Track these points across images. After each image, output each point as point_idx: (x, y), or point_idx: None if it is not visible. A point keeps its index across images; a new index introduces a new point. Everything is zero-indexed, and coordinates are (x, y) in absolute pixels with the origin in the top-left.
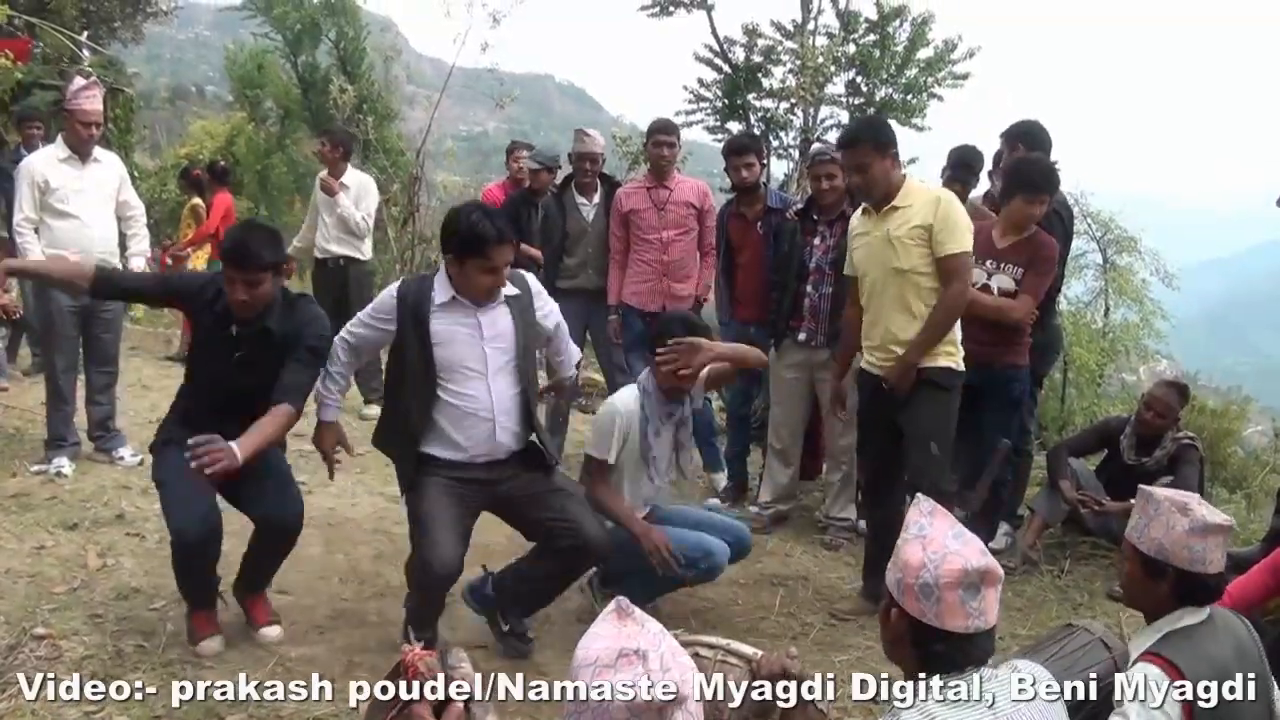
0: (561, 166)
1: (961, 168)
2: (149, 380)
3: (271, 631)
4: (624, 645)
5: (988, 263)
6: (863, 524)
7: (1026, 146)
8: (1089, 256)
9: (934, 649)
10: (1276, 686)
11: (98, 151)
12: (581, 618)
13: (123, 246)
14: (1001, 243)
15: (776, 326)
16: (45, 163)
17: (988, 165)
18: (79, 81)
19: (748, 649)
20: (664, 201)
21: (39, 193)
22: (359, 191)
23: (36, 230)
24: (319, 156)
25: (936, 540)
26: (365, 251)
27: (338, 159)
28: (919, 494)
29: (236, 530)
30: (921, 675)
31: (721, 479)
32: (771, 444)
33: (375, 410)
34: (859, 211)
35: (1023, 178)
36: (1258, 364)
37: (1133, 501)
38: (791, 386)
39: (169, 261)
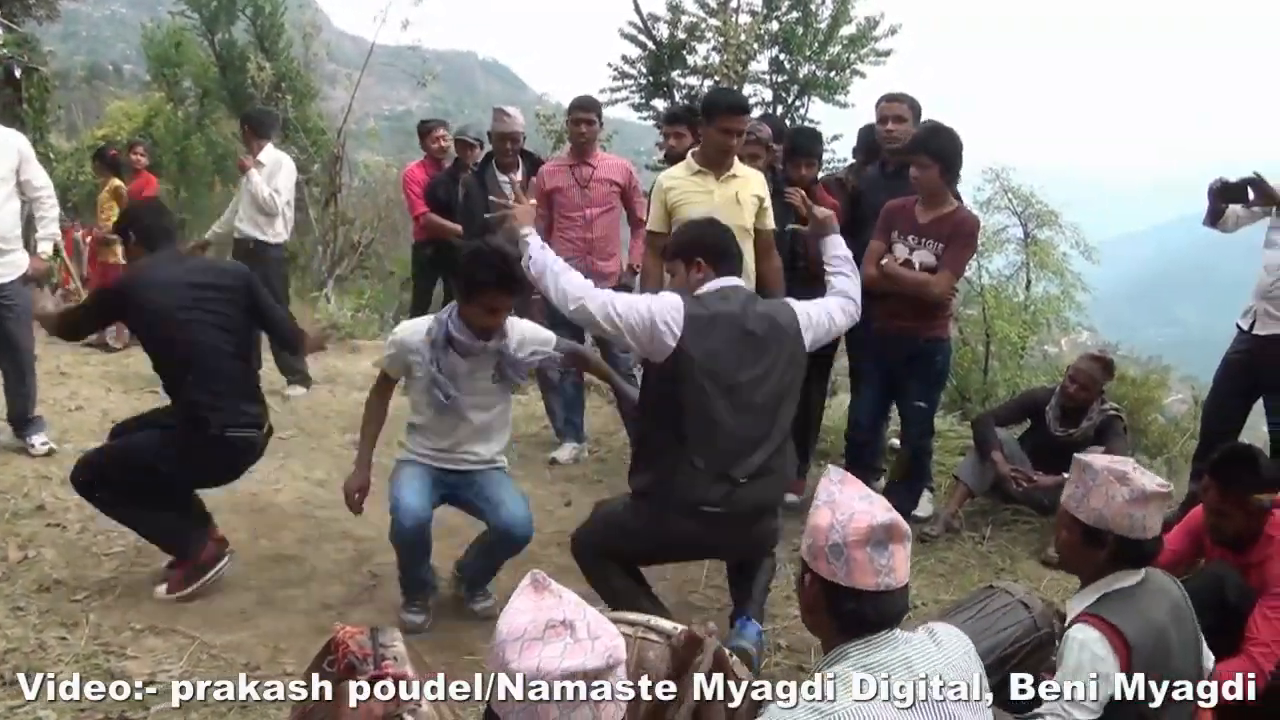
0: (484, 144)
1: (872, 148)
2: (67, 367)
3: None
4: (550, 616)
5: (910, 238)
6: (789, 496)
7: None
8: (1010, 231)
9: (847, 609)
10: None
11: None
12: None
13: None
14: (924, 218)
15: None
16: None
17: None
18: None
19: (667, 624)
20: (587, 179)
21: None
22: (272, 168)
23: None
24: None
25: (844, 503)
26: (275, 233)
27: (249, 137)
28: (829, 466)
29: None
30: (839, 641)
31: None
32: None
33: (299, 390)
34: (682, 171)
35: (911, 142)
36: (1178, 334)
37: (1065, 475)
38: None
39: (91, 241)
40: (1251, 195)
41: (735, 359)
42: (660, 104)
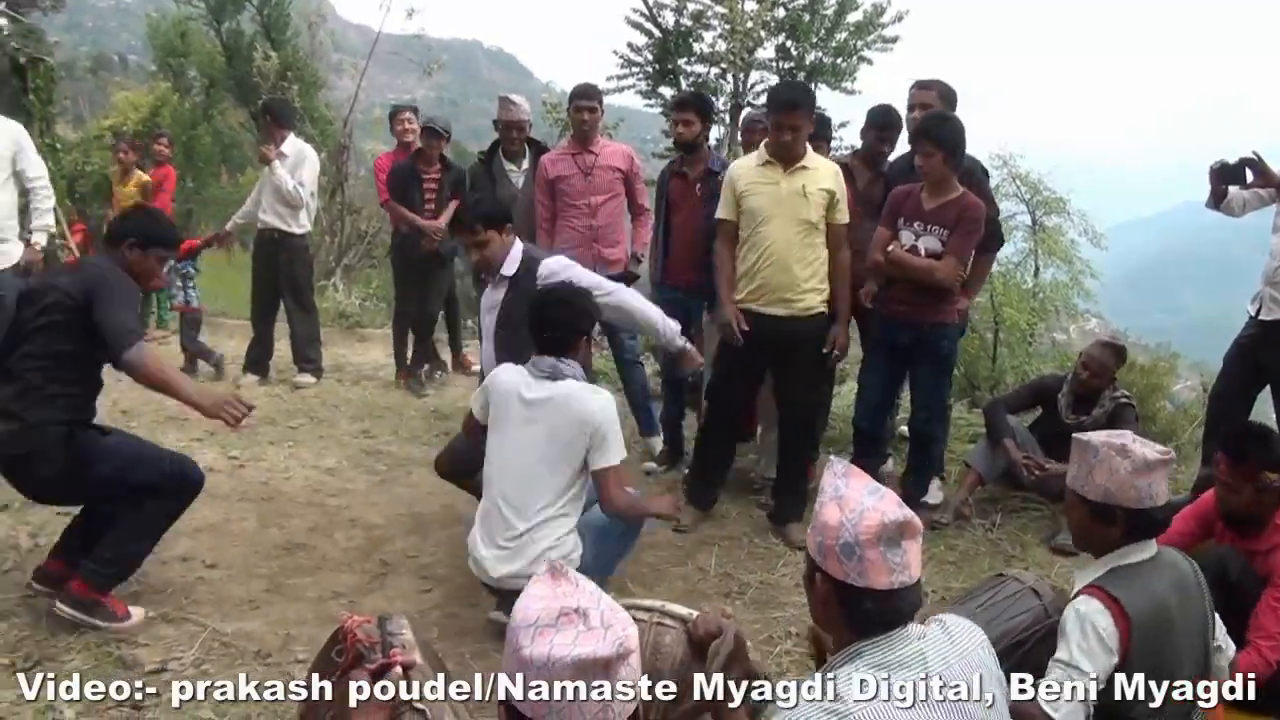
0: (450, 136)
1: (884, 127)
2: None
3: None
4: (564, 604)
5: (915, 224)
6: None
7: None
8: (1018, 218)
9: (863, 608)
10: (1219, 620)
11: None
12: None
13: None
14: (929, 204)
15: (711, 287)
16: None
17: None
18: None
19: (683, 610)
20: (590, 166)
21: None
22: (295, 160)
23: None
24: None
25: (853, 499)
26: (300, 224)
27: (271, 127)
28: (831, 457)
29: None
30: (851, 639)
31: (657, 443)
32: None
33: (309, 379)
34: (752, 161)
35: (914, 131)
36: (1184, 320)
37: None
38: None
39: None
40: (1250, 176)
41: None
42: (667, 91)
